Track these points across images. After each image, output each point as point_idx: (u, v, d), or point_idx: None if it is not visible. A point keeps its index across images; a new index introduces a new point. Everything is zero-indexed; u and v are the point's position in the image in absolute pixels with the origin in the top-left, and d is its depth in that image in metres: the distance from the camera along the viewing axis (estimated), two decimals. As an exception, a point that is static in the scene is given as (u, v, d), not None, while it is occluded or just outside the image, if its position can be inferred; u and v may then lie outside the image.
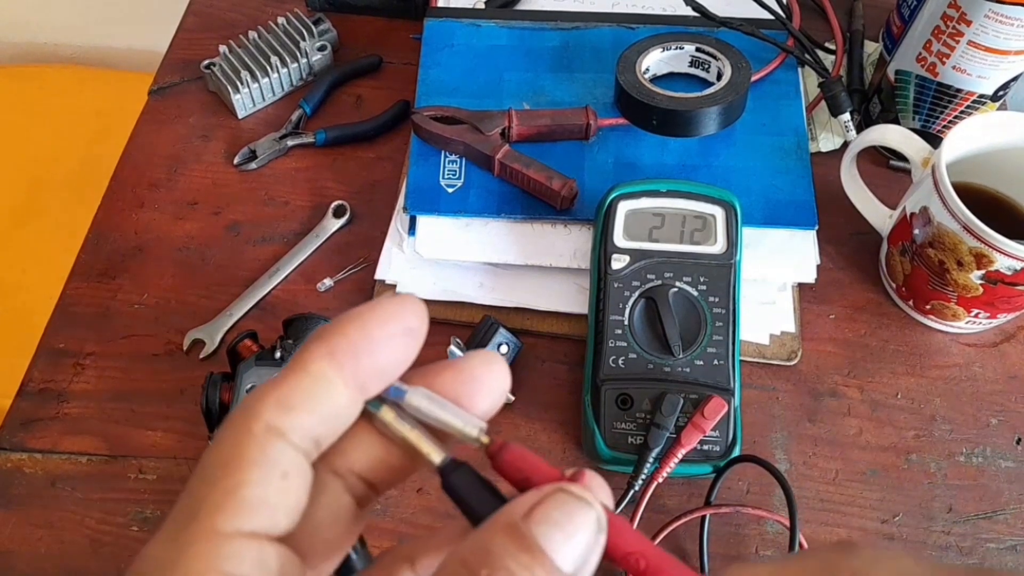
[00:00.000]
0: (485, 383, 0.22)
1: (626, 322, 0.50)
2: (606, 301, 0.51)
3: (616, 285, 0.51)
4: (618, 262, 0.51)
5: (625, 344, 0.50)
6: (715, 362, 0.50)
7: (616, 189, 0.53)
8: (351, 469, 0.21)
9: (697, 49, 0.63)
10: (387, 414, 0.21)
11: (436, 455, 0.21)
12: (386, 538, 0.51)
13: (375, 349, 0.20)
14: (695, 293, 0.51)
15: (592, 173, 0.60)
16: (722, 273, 0.51)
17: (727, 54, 0.62)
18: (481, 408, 0.22)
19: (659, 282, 0.51)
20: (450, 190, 0.59)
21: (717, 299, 0.51)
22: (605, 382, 0.50)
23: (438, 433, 0.21)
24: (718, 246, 0.52)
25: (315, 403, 0.20)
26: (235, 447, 0.19)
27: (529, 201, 0.59)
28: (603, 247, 0.52)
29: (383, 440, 0.22)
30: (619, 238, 0.52)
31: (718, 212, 0.53)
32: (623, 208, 0.53)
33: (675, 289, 0.51)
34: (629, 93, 0.59)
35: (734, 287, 0.51)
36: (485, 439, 0.21)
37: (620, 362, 0.50)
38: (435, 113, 0.61)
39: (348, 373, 0.20)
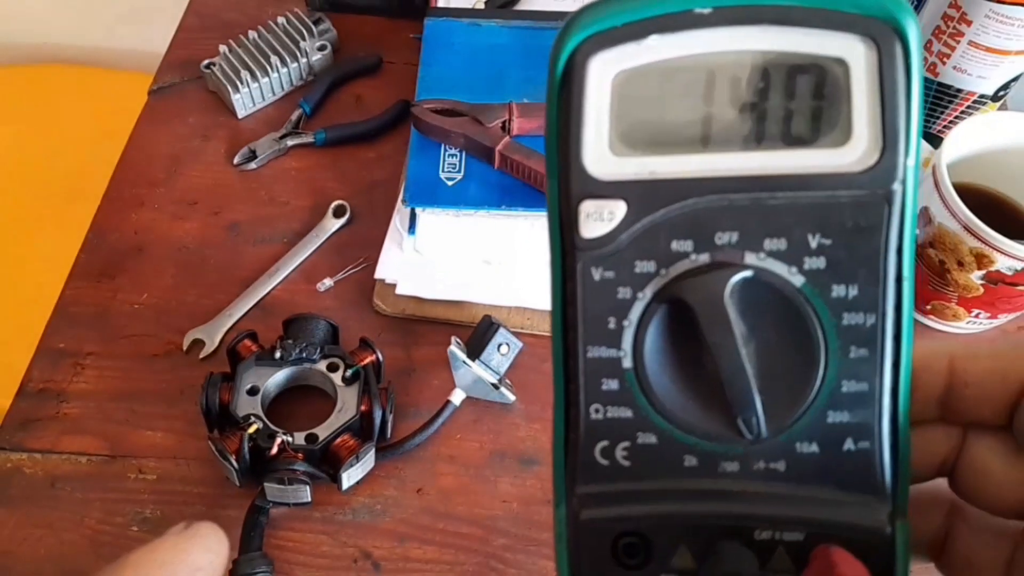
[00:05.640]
0: None
1: (628, 363, 0.21)
2: (578, 315, 0.21)
3: (599, 277, 0.21)
4: (598, 221, 0.20)
5: (629, 413, 0.21)
6: (847, 446, 0.21)
7: (578, 24, 0.20)
8: None
9: None
10: None
11: None
12: (387, 539, 0.50)
13: None
14: (797, 280, 0.20)
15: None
16: (868, 220, 0.20)
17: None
18: None
19: (705, 259, 0.20)
20: (450, 183, 0.59)
21: (854, 290, 0.20)
22: (585, 503, 0.22)
23: None
24: (856, 147, 0.20)
25: None
26: None
27: (530, 193, 0.58)
28: (561, 185, 0.20)
29: None
30: (598, 156, 0.20)
31: (855, 53, 0.19)
32: (602, 70, 0.20)
33: (746, 275, 0.20)
34: None
35: (898, 251, 0.20)
36: None
37: (619, 455, 0.21)
38: (435, 106, 0.61)
39: None
